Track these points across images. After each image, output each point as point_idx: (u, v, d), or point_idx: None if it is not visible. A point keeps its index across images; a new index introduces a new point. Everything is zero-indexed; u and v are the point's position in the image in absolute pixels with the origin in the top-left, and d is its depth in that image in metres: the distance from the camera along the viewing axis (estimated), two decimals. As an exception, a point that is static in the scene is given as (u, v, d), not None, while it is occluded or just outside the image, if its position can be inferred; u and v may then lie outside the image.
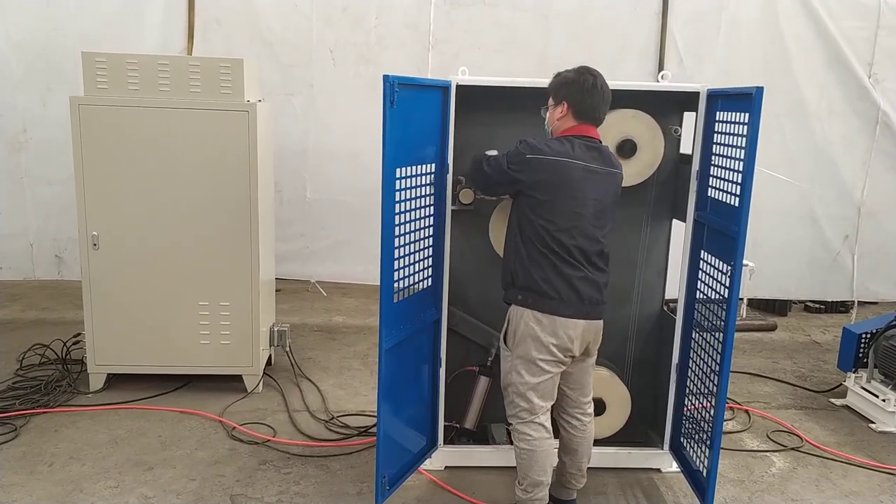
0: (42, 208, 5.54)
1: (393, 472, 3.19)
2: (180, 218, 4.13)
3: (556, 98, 2.99)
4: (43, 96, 5.32)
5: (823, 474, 3.72)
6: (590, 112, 2.94)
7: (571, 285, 2.87)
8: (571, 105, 2.93)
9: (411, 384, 3.34)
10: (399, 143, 2.91)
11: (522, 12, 5.56)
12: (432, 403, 3.51)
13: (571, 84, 2.94)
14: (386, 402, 3.01)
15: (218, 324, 4.24)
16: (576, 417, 3.14)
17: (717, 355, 3.06)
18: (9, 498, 3.21)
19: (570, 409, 3.14)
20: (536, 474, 2.95)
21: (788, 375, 5.10)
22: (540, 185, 2.85)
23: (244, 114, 4.04)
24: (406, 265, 3.10)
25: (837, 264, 6.00)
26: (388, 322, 2.95)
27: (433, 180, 3.23)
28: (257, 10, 5.45)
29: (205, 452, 3.68)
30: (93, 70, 4.00)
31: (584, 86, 2.92)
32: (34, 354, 4.71)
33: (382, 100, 2.79)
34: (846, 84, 5.70)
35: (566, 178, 2.85)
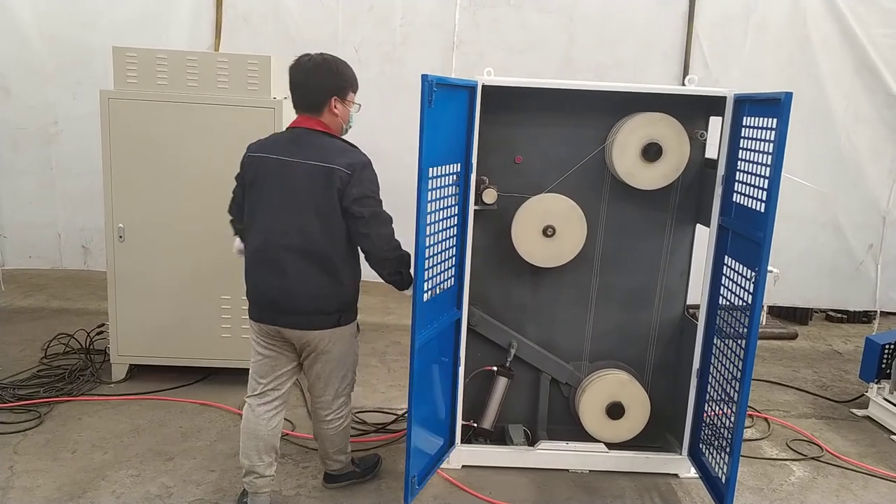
0: (70, 200, 5.62)
1: (419, 470, 3.21)
2: (205, 212, 4.16)
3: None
4: (73, 90, 5.39)
5: (843, 485, 3.69)
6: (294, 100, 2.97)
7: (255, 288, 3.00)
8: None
9: (433, 383, 3.35)
10: (432, 143, 2.92)
11: (547, 14, 5.55)
12: (451, 403, 3.52)
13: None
14: (417, 401, 3.04)
15: (239, 318, 4.27)
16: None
17: (738, 362, 3.04)
18: (33, 483, 3.27)
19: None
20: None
21: (809, 385, 5.05)
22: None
23: (270, 110, 4.07)
24: (432, 265, 3.11)
25: (860, 273, 5.92)
26: (420, 321, 2.97)
27: (458, 180, 3.24)
28: (284, 8, 5.48)
29: (224, 444, 3.72)
30: (123, 65, 4.06)
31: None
32: (59, 343, 4.79)
33: (421, 99, 2.79)
34: (874, 91, 5.63)
35: (254, 173, 2.96)
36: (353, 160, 2.85)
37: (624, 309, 3.73)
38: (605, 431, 3.62)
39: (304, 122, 2.95)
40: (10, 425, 3.76)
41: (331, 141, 2.92)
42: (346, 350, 3.09)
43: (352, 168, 2.82)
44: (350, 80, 2.99)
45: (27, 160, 5.56)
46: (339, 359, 3.06)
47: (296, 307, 2.90)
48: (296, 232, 2.86)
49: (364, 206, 2.83)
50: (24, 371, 4.42)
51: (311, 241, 2.86)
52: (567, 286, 3.65)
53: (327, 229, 2.85)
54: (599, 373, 3.65)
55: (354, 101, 3.04)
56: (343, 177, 2.80)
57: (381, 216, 2.89)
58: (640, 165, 3.38)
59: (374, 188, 2.88)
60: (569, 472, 3.61)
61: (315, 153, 2.85)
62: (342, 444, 3.28)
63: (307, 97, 2.93)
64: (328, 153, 2.85)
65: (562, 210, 3.45)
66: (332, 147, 2.89)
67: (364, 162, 2.88)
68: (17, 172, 5.57)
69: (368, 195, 2.84)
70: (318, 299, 2.91)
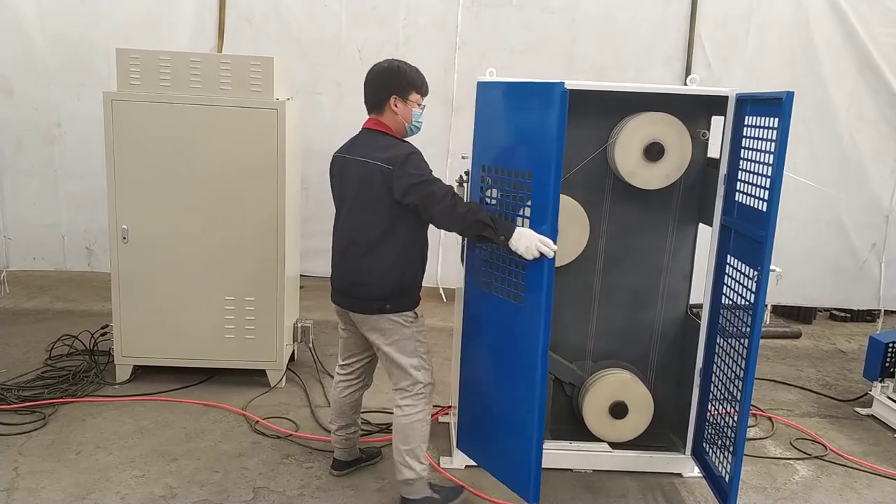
0: (74, 201, 5.64)
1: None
2: (208, 213, 4.19)
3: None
4: (77, 91, 5.41)
5: (847, 483, 3.68)
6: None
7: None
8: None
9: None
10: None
11: (550, 14, 5.56)
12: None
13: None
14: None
15: (243, 319, 4.29)
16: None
17: (741, 361, 3.04)
18: (38, 484, 3.28)
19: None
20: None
21: (813, 383, 5.05)
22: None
23: (273, 112, 4.08)
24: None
25: (864, 272, 5.92)
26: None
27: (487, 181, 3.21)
28: (287, 8, 5.50)
29: (228, 445, 3.73)
30: (126, 66, 4.07)
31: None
32: (63, 345, 4.80)
33: (559, 107, 2.78)
34: (877, 91, 5.63)
35: (331, 173, 3.19)
36: (393, 154, 2.95)
37: (627, 308, 3.73)
38: (608, 431, 3.62)
39: (368, 122, 3.15)
40: (15, 427, 3.77)
41: (381, 138, 3.06)
42: (396, 341, 3.09)
43: (392, 162, 2.92)
44: (411, 80, 3.09)
45: (31, 161, 5.58)
46: (389, 348, 3.10)
47: (351, 291, 3.11)
48: (350, 223, 3.08)
49: (413, 194, 2.91)
50: (29, 372, 4.43)
51: (360, 231, 3.04)
52: (570, 286, 3.65)
53: (375, 221, 3.00)
54: (603, 372, 3.65)
55: (420, 102, 3.12)
56: (385, 171, 2.93)
57: (433, 196, 2.90)
58: (643, 165, 3.38)
59: (416, 172, 2.92)
60: (572, 471, 3.62)
61: (364, 150, 3.04)
62: (408, 442, 3.09)
63: (369, 97, 3.13)
64: (373, 150, 3.00)
65: (564, 210, 3.44)
66: (379, 144, 3.03)
67: (405, 154, 2.94)
68: (20, 174, 5.60)
69: (414, 182, 2.90)
70: (367, 286, 3.06)
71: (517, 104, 3.06)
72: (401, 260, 3.05)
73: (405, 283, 3.08)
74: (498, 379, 3.18)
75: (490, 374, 3.22)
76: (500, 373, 3.15)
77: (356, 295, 3.09)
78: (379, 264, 3.03)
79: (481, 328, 3.25)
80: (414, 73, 3.11)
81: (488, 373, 3.23)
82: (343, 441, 3.46)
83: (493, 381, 3.21)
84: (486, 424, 3.29)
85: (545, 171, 2.84)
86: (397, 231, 3.01)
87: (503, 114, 3.13)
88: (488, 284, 3.14)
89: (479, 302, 3.23)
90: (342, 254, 3.12)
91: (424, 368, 3.15)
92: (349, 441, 3.47)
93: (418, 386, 3.12)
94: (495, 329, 3.16)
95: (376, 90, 3.10)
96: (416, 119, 3.12)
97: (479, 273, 3.20)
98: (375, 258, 3.02)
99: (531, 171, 2.89)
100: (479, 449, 3.41)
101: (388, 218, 2.99)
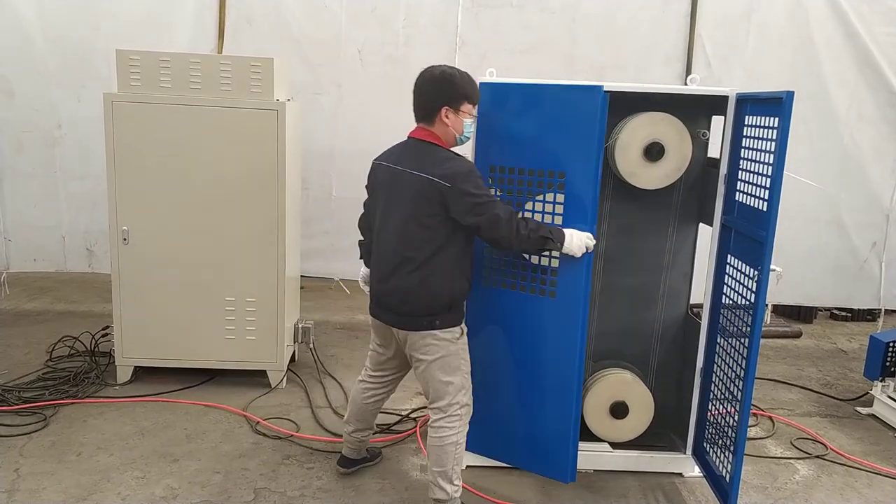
0: (74, 202, 5.64)
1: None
2: (209, 214, 4.19)
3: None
4: (77, 92, 5.41)
5: (848, 483, 3.68)
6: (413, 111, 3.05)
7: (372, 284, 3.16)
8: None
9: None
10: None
11: (550, 14, 5.56)
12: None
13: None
14: None
15: (243, 319, 4.29)
16: None
17: (742, 360, 3.04)
18: (38, 485, 3.28)
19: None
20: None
21: (813, 383, 5.05)
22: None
23: (273, 112, 4.08)
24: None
25: (864, 271, 5.92)
26: None
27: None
28: (287, 9, 5.50)
29: (229, 446, 3.73)
30: (126, 68, 4.08)
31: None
32: (63, 346, 4.80)
33: (601, 108, 3.00)
34: (877, 90, 5.63)
35: (374, 181, 3.13)
36: (451, 171, 2.87)
37: (627, 308, 3.73)
38: (608, 431, 3.62)
39: (417, 132, 3.03)
40: (16, 428, 3.77)
41: (437, 150, 2.96)
42: (441, 357, 3.01)
43: (451, 179, 2.85)
44: (464, 91, 2.99)
45: (31, 163, 5.58)
46: (433, 365, 3.01)
47: (400, 308, 3.01)
48: (401, 238, 2.96)
49: (476, 214, 2.86)
50: (30, 374, 4.43)
51: (413, 247, 2.93)
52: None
53: (429, 237, 2.91)
54: (603, 372, 3.65)
55: (472, 112, 3.04)
56: (443, 190, 2.85)
57: (498, 220, 2.87)
58: (643, 165, 3.38)
59: (478, 192, 2.87)
60: (573, 471, 3.62)
61: (418, 164, 2.92)
62: (441, 464, 3.04)
63: (419, 107, 3.02)
64: (429, 164, 2.90)
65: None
66: (434, 157, 2.93)
67: (464, 171, 2.88)
68: (21, 175, 5.60)
69: (477, 203, 2.85)
70: (411, 302, 2.97)
71: (548, 105, 3.14)
72: (453, 275, 2.99)
73: (455, 297, 3.02)
74: (524, 371, 3.30)
75: (512, 369, 3.33)
76: (528, 364, 3.28)
77: (406, 312, 2.99)
78: (432, 281, 2.94)
79: (497, 327, 3.31)
80: (467, 83, 3.00)
81: (509, 368, 3.34)
82: (356, 442, 3.47)
83: (517, 375, 3.33)
84: (506, 419, 3.39)
85: (585, 169, 3.06)
86: (450, 247, 2.95)
87: (523, 115, 3.18)
88: (504, 282, 3.23)
89: (493, 301, 3.28)
90: (393, 271, 2.99)
91: (465, 388, 3.08)
92: (362, 443, 3.48)
93: (455, 407, 3.04)
94: (519, 325, 3.27)
95: (426, 99, 2.98)
96: (467, 129, 3.04)
97: (490, 271, 3.28)
98: (429, 275, 2.93)
99: (564, 170, 3.09)
100: (496, 445, 3.48)
101: (442, 234, 2.91)
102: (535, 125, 3.18)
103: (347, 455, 3.50)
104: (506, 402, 3.38)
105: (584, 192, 3.09)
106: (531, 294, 3.21)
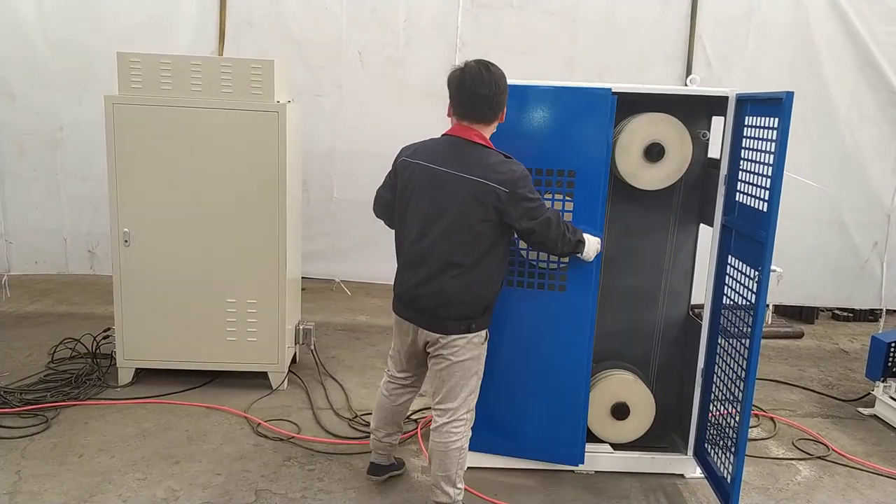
0: (76, 205, 5.65)
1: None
2: (210, 216, 4.19)
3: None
4: (79, 95, 5.43)
5: (850, 484, 3.68)
6: (459, 109, 2.92)
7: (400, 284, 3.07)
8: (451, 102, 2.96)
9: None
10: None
11: (550, 15, 5.57)
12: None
13: (451, 81, 2.92)
14: None
15: (245, 321, 4.29)
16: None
17: (743, 361, 3.04)
18: (40, 487, 3.29)
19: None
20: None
21: (815, 383, 5.04)
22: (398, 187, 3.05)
23: (274, 114, 4.09)
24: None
25: (866, 271, 5.92)
26: None
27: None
28: (288, 11, 5.51)
29: (230, 447, 3.73)
30: (127, 70, 4.08)
31: (454, 82, 2.89)
32: (65, 348, 4.80)
33: (610, 109, 3.13)
34: (877, 90, 5.63)
35: (410, 181, 2.96)
36: (509, 176, 2.82)
37: (628, 309, 3.73)
38: (609, 432, 3.62)
39: (463, 131, 2.91)
40: (18, 430, 3.77)
41: (488, 153, 2.88)
42: (466, 360, 2.99)
43: (509, 185, 2.81)
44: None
45: (33, 165, 5.60)
46: (456, 366, 2.99)
47: (438, 311, 2.94)
48: (447, 242, 2.88)
49: (531, 219, 2.85)
50: (31, 376, 4.44)
51: (459, 252, 2.87)
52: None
53: (477, 243, 2.87)
54: (604, 373, 3.65)
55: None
56: (501, 195, 2.80)
57: (548, 223, 2.89)
58: (643, 166, 3.38)
59: (533, 197, 2.86)
60: (574, 472, 3.61)
61: (471, 167, 2.84)
62: (446, 469, 3.02)
63: (480, 105, 2.87)
64: (485, 168, 2.83)
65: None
66: (489, 160, 2.86)
67: (520, 176, 2.84)
68: (22, 178, 5.61)
69: (531, 207, 2.85)
70: (453, 306, 2.92)
71: (557, 107, 3.20)
72: (494, 279, 2.98)
73: (492, 301, 3.02)
74: (531, 364, 3.42)
75: (518, 363, 3.41)
76: (535, 358, 3.41)
77: (444, 315, 2.93)
78: (477, 286, 2.92)
79: (499, 323, 3.30)
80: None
81: (515, 362, 3.41)
82: (386, 446, 3.41)
83: (524, 369, 3.43)
84: (514, 412, 3.48)
85: (594, 168, 3.21)
86: (495, 251, 2.92)
87: (532, 116, 3.22)
88: (511, 281, 3.31)
89: (505, 298, 3.30)
90: (435, 274, 2.90)
91: (475, 393, 3.08)
92: (392, 447, 3.44)
93: (462, 411, 3.02)
94: (526, 320, 3.38)
95: (493, 96, 2.85)
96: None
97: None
98: (473, 280, 2.90)
99: (574, 169, 3.21)
100: (501, 440, 3.54)
101: (490, 239, 2.88)
102: (543, 126, 3.23)
103: (377, 462, 3.44)
104: (513, 395, 3.45)
105: (593, 192, 3.22)
106: (541, 290, 3.33)
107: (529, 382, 3.44)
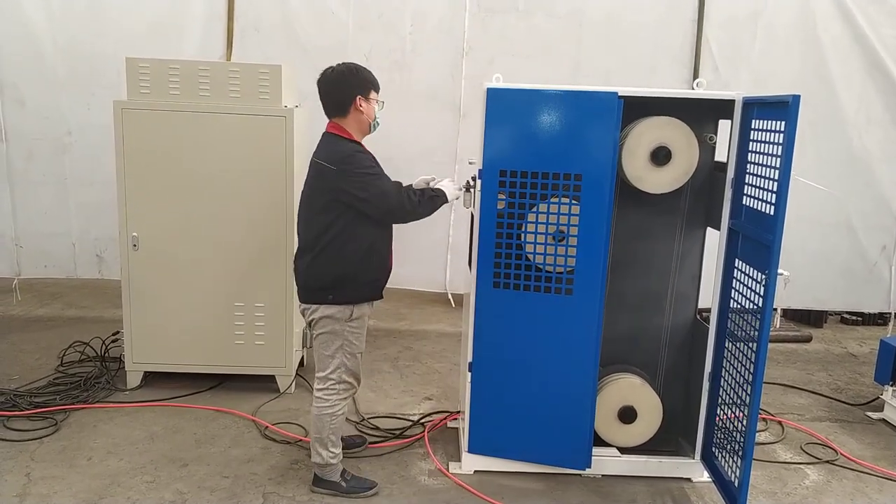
0: (84, 209, 5.68)
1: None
2: (218, 220, 4.21)
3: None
4: (87, 100, 5.45)
5: (858, 488, 3.66)
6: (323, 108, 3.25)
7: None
8: None
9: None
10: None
11: (556, 19, 5.57)
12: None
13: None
14: None
15: (253, 325, 4.31)
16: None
17: (750, 365, 3.04)
18: (49, 490, 3.31)
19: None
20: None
21: (823, 387, 5.02)
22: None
23: (281, 119, 4.11)
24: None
25: (874, 275, 5.89)
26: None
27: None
28: (295, 16, 5.53)
29: (238, 450, 3.74)
30: (136, 75, 4.11)
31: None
32: (74, 351, 4.84)
33: (617, 112, 3.16)
34: (885, 92, 5.61)
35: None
36: (339, 156, 3.10)
37: (635, 313, 3.73)
38: (617, 436, 3.62)
39: (328, 126, 3.26)
40: (27, 433, 3.80)
41: (331, 139, 3.20)
42: (331, 331, 3.24)
43: (338, 164, 3.08)
44: (370, 79, 3.25)
45: (42, 170, 5.63)
46: (323, 336, 3.26)
47: (299, 283, 3.30)
48: (302, 220, 3.26)
49: (363, 189, 3.08)
50: (41, 379, 4.47)
51: (306, 228, 3.23)
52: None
53: (319, 217, 3.15)
54: (611, 377, 3.65)
55: (378, 99, 3.27)
56: (328, 172, 3.09)
57: (386, 194, 3.12)
58: (650, 169, 3.38)
59: (361, 172, 3.09)
60: (581, 476, 3.61)
61: (317, 153, 3.20)
62: (318, 431, 3.30)
63: (331, 103, 3.21)
64: (320, 151, 3.18)
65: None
66: (327, 145, 3.18)
67: (349, 153, 3.11)
68: (31, 182, 5.64)
69: (358, 181, 3.08)
70: (310, 277, 3.24)
71: (564, 110, 3.23)
72: (358, 255, 3.21)
73: (353, 278, 3.24)
74: (538, 368, 3.45)
75: (526, 366, 3.45)
76: (542, 362, 3.44)
77: (303, 285, 3.30)
78: (333, 259, 3.19)
79: (506, 327, 3.41)
80: (369, 72, 3.26)
81: (522, 366, 3.45)
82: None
83: (531, 372, 3.46)
84: (519, 416, 3.51)
85: (601, 171, 3.22)
86: (343, 229, 3.18)
87: (538, 120, 3.25)
88: (518, 285, 3.37)
89: (502, 302, 3.38)
90: (299, 249, 3.32)
91: (344, 367, 3.31)
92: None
93: (330, 381, 3.29)
94: (533, 324, 3.41)
95: (338, 92, 3.18)
96: (378, 116, 3.29)
97: (502, 274, 3.38)
98: (331, 253, 3.18)
99: (581, 173, 3.24)
100: (508, 443, 3.56)
101: (336, 214, 3.15)
102: (549, 130, 3.26)
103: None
104: (520, 398, 3.49)
105: (600, 195, 3.25)
106: (546, 294, 3.38)
107: (536, 386, 3.46)
